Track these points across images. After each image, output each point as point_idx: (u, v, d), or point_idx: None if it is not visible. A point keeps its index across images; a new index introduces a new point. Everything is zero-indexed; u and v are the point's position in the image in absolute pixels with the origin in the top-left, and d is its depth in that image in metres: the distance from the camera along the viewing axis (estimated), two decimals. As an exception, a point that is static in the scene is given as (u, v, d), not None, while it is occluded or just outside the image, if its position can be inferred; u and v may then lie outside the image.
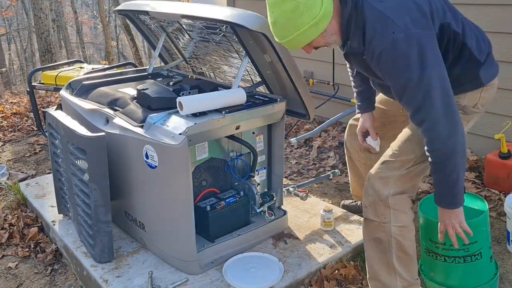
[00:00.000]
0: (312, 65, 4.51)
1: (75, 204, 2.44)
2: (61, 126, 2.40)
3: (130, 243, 2.50)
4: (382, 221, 1.90)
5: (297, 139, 2.53)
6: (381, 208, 1.89)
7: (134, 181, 2.31)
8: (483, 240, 2.03)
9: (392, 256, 1.92)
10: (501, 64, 3.17)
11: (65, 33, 18.33)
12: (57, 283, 2.47)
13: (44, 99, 6.11)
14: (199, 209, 2.30)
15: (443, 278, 2.11)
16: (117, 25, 19.39)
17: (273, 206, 2.55)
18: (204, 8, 2.25)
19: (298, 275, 2.21)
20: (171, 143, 2.00)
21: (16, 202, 3.12)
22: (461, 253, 2.01)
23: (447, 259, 2.04)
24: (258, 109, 2.26)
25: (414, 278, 1.98)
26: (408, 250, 1.92)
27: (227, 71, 2.83)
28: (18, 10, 19.98)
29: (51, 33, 9.21)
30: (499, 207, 2.84)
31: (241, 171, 2.50)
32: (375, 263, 1.98)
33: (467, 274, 2.07)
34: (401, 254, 1.92)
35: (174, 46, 3.02)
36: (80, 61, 4.68)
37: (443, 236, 1.89)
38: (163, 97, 2.32)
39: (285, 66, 2.16)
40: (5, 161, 4.09)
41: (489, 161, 3.00)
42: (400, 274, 1.93)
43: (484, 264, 2.07)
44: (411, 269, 1.96)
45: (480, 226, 2.01)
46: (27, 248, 2.72)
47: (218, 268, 2.26)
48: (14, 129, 4.94)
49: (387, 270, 1.95)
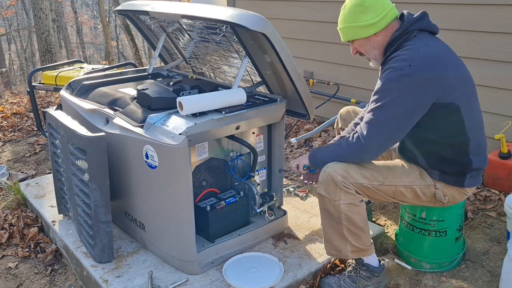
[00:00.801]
0: (312, 65, 4.51)
1: (75, 204, 2.44)
2: (61, 126, 2.40)
3: (130, 243, 2.50)
4: (332, 198, 2.04)
5: (297, 139, 2.54)
6: (332, 188, 2.03)
7: (134, 181, 2.31)
8: (451, 220, 2.25)
9: (342, 228, 2.07)
10: (501, 64, 3.19)
11: (65, 33, 18.34)
12: (57, 283, 2.47)
13: (44, 99, 6.11)
14: (199, 209, 2.30)
15: (411, 247, 2.37)
16: (117, 25, 19.41)
17: (273, 206, 2.55)
18: (204, 8, 2.25)
19: (298, 275, 2.21)
20: (171, 143, 2.00)
21: (16, 202, 3.12)
22: (427, 227, 2.27)
23: (414, 229, 2.31)
24: (258, 109, 2.26)
25: (366, 245, 2.12)
26: (357, 222, 2.06)
27: (227, 71, 2.83)
28: (18, 10, 19.99)
29: (51, 33, 9.22)
30: (499, 207, 2.84)
31: (241, 171, 2.50)
32: (328, 230, 2.14)
33: (430, 247, 2.30)
34: (351, 227, 2.06)
35: (174, 46, 3.02)
36: (80, 61, 4.68)
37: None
38: (163, 97, 2.32)
39: (285, 66, 2.16)
40: (5, 161, 4.09)
41: (489, 161, 2.98)
42: (350, 242, 2.09)
43: (447, 242, 2.29)
44: (362, 238, 2.09)
45: (451, 208, 2.22)
46: (27, 248, 2.72)
47: (218, 268, 2.26)
48: (14, 129, 4.94)
49: (339, 237, 2.10)
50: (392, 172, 2.08)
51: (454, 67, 1.94)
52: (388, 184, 2.06)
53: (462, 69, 1.97)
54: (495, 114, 3.22)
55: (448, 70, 1.90)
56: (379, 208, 2.95)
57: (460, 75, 1.95)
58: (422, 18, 1.98)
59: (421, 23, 1.97)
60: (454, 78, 1.91)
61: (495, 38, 3.17)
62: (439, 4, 3.40)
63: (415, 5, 3.55)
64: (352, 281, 2.15)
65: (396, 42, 1.97)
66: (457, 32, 3.34)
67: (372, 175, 2.04)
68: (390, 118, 1.92)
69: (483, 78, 3.25)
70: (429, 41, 1.95)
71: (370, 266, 2.14)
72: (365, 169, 2.05)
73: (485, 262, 2.38)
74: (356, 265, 2.17)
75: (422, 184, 2.07)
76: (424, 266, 2.32)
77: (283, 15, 4.63)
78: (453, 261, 2.32)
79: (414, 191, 2.07)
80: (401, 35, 1.96)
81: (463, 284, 2.23)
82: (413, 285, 2.25)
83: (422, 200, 2.11)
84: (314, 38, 4.35)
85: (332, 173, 2.02)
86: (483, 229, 2.67)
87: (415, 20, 1.97)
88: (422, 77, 1.86)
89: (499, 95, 3.22)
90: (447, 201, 2.09)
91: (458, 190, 2.08)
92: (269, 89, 2.49)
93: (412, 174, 2.08)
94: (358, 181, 2.02)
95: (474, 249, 2.49)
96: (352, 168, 2.03)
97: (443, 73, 1.88)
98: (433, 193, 2.07)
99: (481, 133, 2.06)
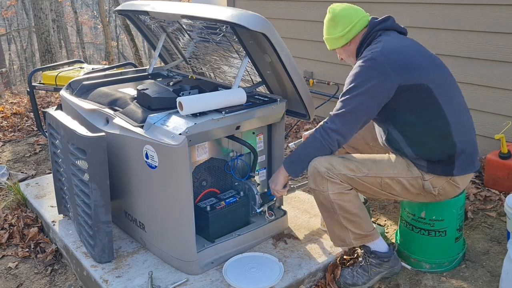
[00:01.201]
0: (312, 65, 4.51)
1: (75, 204, 2.44)
2: (61, 126, 2.40)
3: (130, 243, 2.50)
4: (321, 190, 2.10)
5: (295, 144, 2.55)
6: (319, 180, 2.09)
7: (134, 181, 2.31)
8: (450, 220, 2.24)
9: (339, 217, 2.12)
10: (501, 64, 3.18)
11: (65, 33, 18.34)
12: (57, 283, 2.47)
13: (44, 99, 6.11)
14: (199, 209, 2.30)
15: (411, 247, 2.36)
16: (117, 25, 19.41)
17: (273, 206, 2.55)
18: (204, 8, 2.25)
19: (298, 275, 2.21)
20: (171, 143, 2.00)
21: (16, 202, 3.12)
22: (427, 227, 2.26)
23: (414, 228, 2.30)
24: (258, 109, 2.27)
25: (367, 231, 2.16)
26: (350, 209, 2.10)
27: (227, 71, 2.83)
28: (18, 10, 19.99)
29: (51, 33, 9.22)
30: (499, 207, 2.84)
31: (241, 171, 2.50)
32: (328, 221, 2.19)
33: (430, 247, 2.30)
34: (347, 215, 2.11)
35: (174, 46, 3.02)
36: (80, 61, 4.67)
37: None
38: (163, 97, 2.32)
39: (285, 66, 2.16)
40: (5, 161, 4.09)
41: (489, 161, 3.00)
42: (351, 230, 2.14)
43: (447, 242, 2.28)
44: (360, 224, 2.14)
45: (451, 208, 2.22)
46: (27, 248, 2.72)
47: (218, 268, 2.26)
48: (14, 129, 4.94)
49: (339, 226, 2.15)
50: (377, 164, 2.13)
51: (418, 56, 2.04)
52: (373, 175, 2.09)
53: (429, 58, 2.07)
54: (495, 114, 3.22)
55: (412, 57, 2.01)
56: (379, 208, 2.95)
57: (425, 61, 2.04)
58: (386, 20, 2.13)
59: (384, 24, 2.11)
60: (418, 63, 2.01)
61: (495, 38, 3.17)
62: (439, 4, 3.40)
63: (415, 5, 3.55)
64: (364, 271, 2.20)
65: (363, 45, 2.12)
66: (457, 32, 3.34)
67: (356, 167, 2.10)
68: (355, 104, 2.00)
69: (483, 78, 3.26)
70: (394, 37, 2.09)
71: (378, 252, 2.18)
72: (349, 161, 2.11)
73: (485, 262, 2.38)
74: (365, 254, 2.22)
75: (409, 176, 2.09)
76: (424, 266, 2.32)
77: (283, 15, 4.64)
78: (453, 261, 2.32)
79: (401, 183, 2.09)
80: (367, 37, 2.11)
81: (463, 284, 2.23)
82: (413, 285, 2.25)
83: (412, 193, 2.12)
84: (314, 38, 4.35)
85: (317, 165, 2.08)
86: (483, 229, 2.67)
87: (378, 23, 2.11)
88: (383, 62, 1.96)
89: (499, 95, 3.22)
90: (437, 193, 2.10)
91: (448, 182, 2.08)
92: (269, 89, 2.49)
93: (398, 166, 2.11)
94: (342, 171, 2.07)
95: (474, 249, 2.49)
96: (336, 160, 2.10)
97: (406, 59, 1.99)
98: (422, 185, 2.09)
99: (464, 116, 2.09)
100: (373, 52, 2.00)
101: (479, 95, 3.31)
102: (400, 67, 1.97)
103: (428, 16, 3.50)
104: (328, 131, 2.05)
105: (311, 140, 2.12)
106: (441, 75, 2.05)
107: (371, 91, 1.97)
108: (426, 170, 2.08)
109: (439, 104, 2.00)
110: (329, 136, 2.05)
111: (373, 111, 2.03)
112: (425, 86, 1.98)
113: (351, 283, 2.19)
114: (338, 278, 2.22)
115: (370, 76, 1.97)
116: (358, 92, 1.99)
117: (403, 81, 1.96)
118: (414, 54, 2.04)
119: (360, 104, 2.00)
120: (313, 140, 2.11)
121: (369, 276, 2.19)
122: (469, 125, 2.11)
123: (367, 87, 1.97)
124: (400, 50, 2.03)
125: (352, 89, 2.00)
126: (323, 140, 2.06)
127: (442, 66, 2.09)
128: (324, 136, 2.06)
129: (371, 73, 1.97)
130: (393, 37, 2.09)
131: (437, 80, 2.01)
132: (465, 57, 3.34)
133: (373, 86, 1.97)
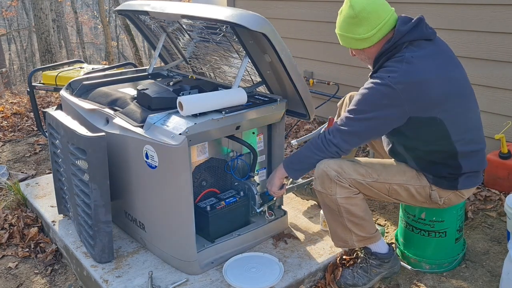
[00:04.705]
0: (312, 65, 4.51)
1: (75, 204, 2.44)
2: (61, 126, 2.40)
3: (130, 243, 2.50)
4: (328, 193, 2.07)
5: (297, 141, 2.54)
6: (327, 183, 2.06)
7: (134, 181, 2.31)
8: (450, 221, 2.25)
9: (344, 220, 2.10)
10: (501, 64, 3.18)
11: (65, 33, 18.35)
12: (57, 283, 2.47)
13: (44, 99, 6.11)
14: (199, 209, 2.30)
15: (411, 247, 2.37)
16: (117, 25, 19.41)
17: (273, 206, 2.55)
18: (204, 8, 2.25)
19: (298, 275, 2.21)
20: (171, 143, 2.00)
21: (16, 202, 3.12)
22: (427, 228, 2.27)
23: (414, 229, 2.31)
24: (258, 109, 2.26)
25: (370, 233, 2.15)
26: (357, 213, 2.09)
27: (227, 71, 2.82)
28: (18, 10, 19.98)
29: (51, 33, 9.23)
30: (499, 207, 2.84)
31: (241, 171, 2.50)
32: (332, 222, 2.17)
33: (430, 247, 2.30)
34: (352, 218, 2.09)
35: (174, 46, 3.02)
36: (80, 61, 4.67)
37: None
38: (163, 97, 2.32)
39: (285, 66, 2.16)
40: (5, 161, 4.09)
41: (489, 161, 2.99)
42: (354, 232, 2.13)
43: (447, 243, 2.29)
44: (365, 226, 2.13)
45: (451, 209, 2.21)
46: (27, 248, 2.72)
47: (218, 268, 2.26)
48: (14, 129, 4.94)
49: (343, 228, 2.14)
50: (387, 170, 2.10)
51: (439, 85, 1.88)
52: (382, 181, 2.07)
53: (450, 84, 1.92)
54: (495, 114, 3.22)
55: (431, 90, 1.87)
56: (379, 209, 2.95)
57: (445, 87, 1.90)
58: (415, 27, 1.93)
59: (411, 35, 1.92)
60: (435, 97, 1.89)
61: (495, 38, 3.17)
62: (439, 4, 3.40)
63: (415, 5, 3.55)
64: (364, 271, 2.20)
65: (386, 53, 1.95)
66: (457, 32, 3.34)
67: (366, 171, 2.07)
68: (360, 128, 1.98)
69: (483, 78, 3.25)
70: (419, 54, 1.89)
71: (378, 254, 2.19)
72: (359, 166, 2.08)
73: (485, 262, 2.38)
74: (365, 255, 2.22)
75: (417, 184, 2.08)
76: (424, 267, 2.32)
77: (283, 15, 4.63)
78: (453, 261, 2.32)
79: (409, 190, 2.08)
80: (391, 48, 1.93)
81: (463, 284, 2.23)
82: (413, 285, 2.25)
83: (417, 200, 2.11)
84: (314, 38, 4.35)
85: (326, 168, 2.05)
86: (483, 229, 2.67)
87: (406, 31, 1.91)
88: (399, 92, 1.85)
89: (499, 95, 3.22)
90: (442, 202, 2.09)
91: (454, 193, 2.08)
92: (269, 89, 2.49)
93: (407, 174, 2.09)
94: (352, 176, 2.04)
95: (474, 249, 2.49)
96: (346, 164, 2.07)
97: (424, 93, 1.87)
98: (429, 194, 2.08)
99: (475, 138, 2.03)
100: (391, 77, 1.85)
101: (479, 95, 3.28)
102: (415, 102, 1.88)
103: (428, 16, 3.48)
104: (329, 142, 2.05)
105: (313, 144, 2.11)
106: (459, 101, 1.95)
107: (380, 119, 1.93)
108: (432, 182, 2.07)
109: (449, 135, 1.95)
110: (329, 147, 2.05)
111: (378, 135, 2.04)
112: (438, 120, 1.91)
113: (352, 283, 2.19)
114: (338, 278, 2.22)
115: (382, 104, 1.90)
116: (365, 117, 1.94)
117: (416, 114, 1.90)
118: (434, 82, 1.87)
119: (365, 128, 1.97)
120: (315, 144, 2.10)
121: (369, 277, 2.19)
122: (480, 146, 2.06)
123: (376, 114, 1.92)
124: (420, 80, 1.86)
125: (360, 112, 1.95)
126: (324, 149, 2.07)
127: (461, 81, 1.97)
128: (325, 145, 2.06)
129: (383, 101, 1.89)
130: (418, 54, 1.89)
131: (452, 110, 1.93)
132: (465, 57, 3.34)
133: (383, 115, 1.92)
